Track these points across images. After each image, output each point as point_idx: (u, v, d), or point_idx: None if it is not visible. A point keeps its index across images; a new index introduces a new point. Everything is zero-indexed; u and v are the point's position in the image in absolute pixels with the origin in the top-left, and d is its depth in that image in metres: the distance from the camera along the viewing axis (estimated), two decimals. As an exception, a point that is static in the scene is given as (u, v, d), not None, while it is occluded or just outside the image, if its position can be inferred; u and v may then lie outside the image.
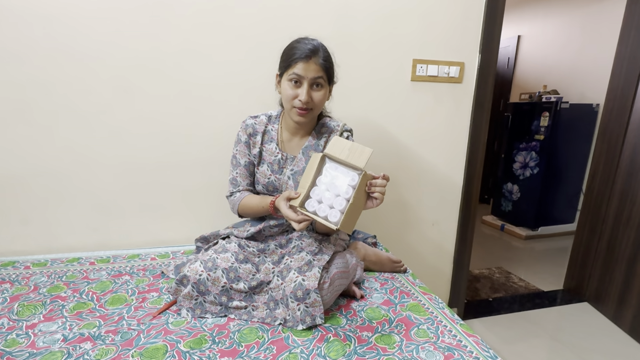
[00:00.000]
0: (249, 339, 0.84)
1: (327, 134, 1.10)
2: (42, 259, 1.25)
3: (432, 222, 1.75)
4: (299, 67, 0.96)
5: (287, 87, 0.99)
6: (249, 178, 1.13)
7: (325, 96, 1.03)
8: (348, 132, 1.12)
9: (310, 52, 0.96)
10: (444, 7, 1.49)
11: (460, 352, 0.80)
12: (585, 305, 2.08)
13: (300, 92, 0.98)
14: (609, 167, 1.99)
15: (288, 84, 0.99)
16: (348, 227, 0.85)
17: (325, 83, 1.01)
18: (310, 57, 0.96)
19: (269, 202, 1.00)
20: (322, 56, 0.98)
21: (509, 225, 3.31)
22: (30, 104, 1.24)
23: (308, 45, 0.98)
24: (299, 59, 0.96)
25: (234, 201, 1.11)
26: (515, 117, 3.28)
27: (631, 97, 1.85)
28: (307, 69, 0.96)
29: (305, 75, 0.97)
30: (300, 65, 0.96)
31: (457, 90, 1.60)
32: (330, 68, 1.01)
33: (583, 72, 3.12)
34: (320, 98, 1.01)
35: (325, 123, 1.12)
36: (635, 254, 1.79)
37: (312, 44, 0.98)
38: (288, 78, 0.99)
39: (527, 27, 3.69)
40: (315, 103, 1.01)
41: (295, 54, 0.97)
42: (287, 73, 0.99)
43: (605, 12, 2.91)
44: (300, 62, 0.96)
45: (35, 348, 0.79)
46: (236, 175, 1.12)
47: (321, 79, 0.99)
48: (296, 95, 0.98)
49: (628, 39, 1.87)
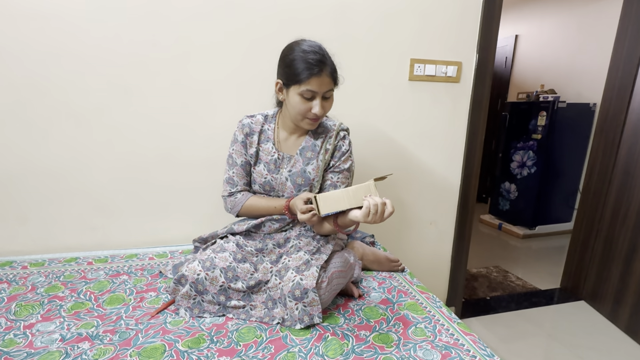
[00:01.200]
0: (247, 339, 0.84)
1: (324, 134, 1.10)
2: (40, 259, 1.25)
3: (429, 221, 1.75)
4: (313, 84, 0.94)
5: (299, 101, 0.98)
6: (246, 178, 1.12)
7: (332, 103, 1.04)
8: (344, 131, 1.12)
9: (321, 65, 0.94)
10: (441, 7, 1.49)
11: (457, 350, 0.81)
12: (582, 304, 2.10)
13: (314, 105, 0.97)
14: (605, 167, 2.00)
15: (299, 98, 0.97)
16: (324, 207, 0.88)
17: (333, 91, 1.01)
18: (322, 71, 0.94)
19: (284, 203, 1.02)
20: (330, 65, 0.97)
21: (506, 224, 3.32)
22: (27, 102, 1.23)
23: (314, 56, 0.94)
24: (312, 75, 0.93)
25: (235, 202, 1.10)
26: (512, 116, 3.29)
27: (628, 96, 1.86)
28: (321, 84, 0.95)
29: (319, 90, 0.96)
30: (314, 81, 0.94)
31: (455, 90, 1.61)
32: (337, 75, 1.00)
33: (580, 72, 3.14)
34: (330, 106, 1.03)
35: (321, 123, 1.12)
36: (631, 253, 1.80)
37: (319, 55, 0.95)
38: (299, 93, 0.96)
39: (525, 26, 3.70)
40: (326, 112, 1.02)
41: (304, 68, 0.94)
42: (299, 88, 0.96)
43: (602, 12, 2.92)
44: (313, 79, 0.94)
45: (33, 348, 0.79)
46: (233, 174, 1.11)
47: (331, 90, 1.00)
48: (309, 109, 0.98)
49: (624, 39, 1.88)
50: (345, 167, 1.10)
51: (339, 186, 1.08)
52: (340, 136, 1.10)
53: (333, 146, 1.08)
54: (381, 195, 0.90)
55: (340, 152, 1.10)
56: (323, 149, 1.08)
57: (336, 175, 1.09)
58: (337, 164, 1.09)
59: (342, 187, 1.09)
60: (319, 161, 1.08)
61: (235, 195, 1.11)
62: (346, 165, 1.10)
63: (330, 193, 0.89)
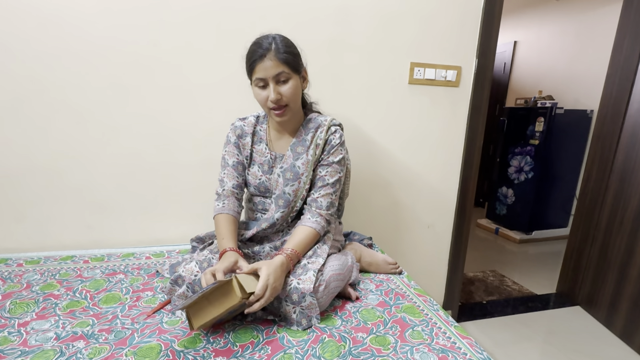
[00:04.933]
0: (243, 339, 0.84)
1: (314, 129, 1.08)
2: (36, 257, 1.24)
3: (427, 225, 1.76)
4: (259, 70, 0.95)
5: (257, 93, 0.99)
6: (237, 179, 1.10)
7: (296, 87, 0.99)
8: (336, 126, 1.10)
9: (264, 50, 0.94)
10: (442, 11, 1.50)
11: (454, 354, 0.81)
12: (577, 309, 2.10)
13: (268, 92, 0.97)
14: (602, 173, 2.01)
15: (256, 90, 0.99)
16: (196, 321, 0.78)
17: (291, 74, 0.97)
18: (264, 55, 0.93)
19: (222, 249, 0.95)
20: (276, 49, 0.94)
21: (503, 229, 3.33)
22: (24, 100, 1.23)
23: (256, 46, 0.96)
24: (256, 61, 0.94)
25: (215, 209, 1.07)
26: (510, 121, 3.31)
27: (625, 103, 1.88)
28: (266, 68, 0.94)
29: (266, 75, 0.95)
30: (259, 67, 0.94)
31: (454, 94, 1.62)
32: (290, 58, 0.96)
33: (578, 78, 3.16)
34: (291, 91, 0.98)
35: (312, 118, 1.10)
36: (627, 259, 1.81)
37: (266, 41, 0.95)
38: (254, 84, 0.98)
39: (523, 33, 3.73)
40: (288, 97, 0.98)
41: (249, 59, 0.96)
42: (252, 80, 0.98)
43: (600, 20, 2.95)
44: (258, 65, 0.94)
45: (28, 346, 0.78)
46: (223, 176, 1.10)
47: (284, 72, 0.95)
48: (267, 97, 0.97)
49: (622, 46, 1.90)
50: (335, 160, 1.07)
51: (327, 179, 1.06)
52: (332, 130, 1.08)
53: (323, 140, 1.06)
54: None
55: (330, 146, 1.07)
56: (314, 144, 1.06)
57: (325, 169, 1.07)
58: (326, 158, 1.07)
59: (331, 180, 1.06)
60: (309, 156, 1.05)
61: (220, 199, 1.08)
62: (336, 158, 1.07)
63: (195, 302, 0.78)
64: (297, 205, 1.07)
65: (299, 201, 1.06)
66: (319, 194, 1.05)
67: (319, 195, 1.05)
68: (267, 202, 1.10)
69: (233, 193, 1.09)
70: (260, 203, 1.12)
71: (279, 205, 1.06)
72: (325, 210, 1.04)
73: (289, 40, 1.00)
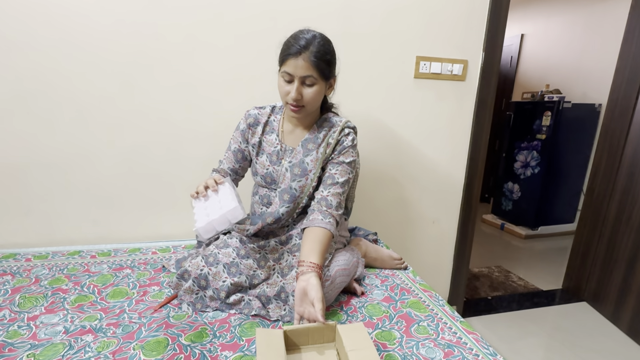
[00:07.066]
0: (249, 333, 0.84)
1: (328, 128, 1.07)
2: (43, 252, 1.25)
3: (432, 220, 1.75)
4: (289, 65, 0.94)
5: (281, 84, 0.98)
6: (233, 164, 1.13)
7: (318, 93, 0.98)
8: (350, 129, 1.09)
9: (301, 47, 0.92)
10: (448, 4, 1.48)
11: (460, 349, 0.81)
12: (583, 305, 2.09)
13: (291, 89, 0.96)
14: (610, 168, 1.99)
15: (281, 80, 0.98)
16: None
17: (318, 80, 0.96)
18: (300, 53, 0.92)
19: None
20: (313, 52, 0.93)
21: (509, 225, 3.31)
22: (31, 95, 1.24)
23: (301, 40, 0.93)
24: (290, 55, 0.93)
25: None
26: (517, 116, 3.28)
27: (634, 97, 1.85)
28: (296, 66, 0.93)
29: (295, 73, 0.94)
30: (290, 62, 0.93)
31: (460, 88, 1.60)
32: (324, 64, 0.95)
33: (586, 72, 3.12)
34: (312, 96, 0.97)
35: (328, 118, 1.10)
36: (634, 255, 1.79)
37: (306, 39, 0.94)
38: (281, 74, 0.98)
39: (531, 25, 3.67)
40: (307, 100, 0.97)
41: (286, 49, 0.95)
42: (281, 69, 0.98)
43: (609, 12, 2.90)
44: (290, 59, 0.93)
45: (37, 339, 0.80)
46: (224, 158, 1.14)
47: (311, 77, 0.94)
48: (288, 92, 0.97)
49: (632, 40, 1.86)
50: (346, 161, 1.06)
51: (336, 178, 1.04)
52: (345, 132, 1.07)
53: (335, 140, 1.06)
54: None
55: (342, 147, 1.06)
56: (325, 142, 1.06)
57: (335, 167, 1.06)
58: (337, 157, 1.06)
59: (341, 180, 1.04)
60: (319, 153, 1.05)
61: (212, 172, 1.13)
62: (347, 159, 1.06)
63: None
64: (303, 201, 1.07)
65: (305, 197, 1.06)
66: (329, 192, 1.03)
67: (328, 193, 1.03)
68: (272, 196, 1.10)
69: (227, 173, 1.13)
70: (265, 196, 1.12)
71: (284, 200, 1.05)
72: (335, 210, 1.02)
73: (329, 45, 0.98)
